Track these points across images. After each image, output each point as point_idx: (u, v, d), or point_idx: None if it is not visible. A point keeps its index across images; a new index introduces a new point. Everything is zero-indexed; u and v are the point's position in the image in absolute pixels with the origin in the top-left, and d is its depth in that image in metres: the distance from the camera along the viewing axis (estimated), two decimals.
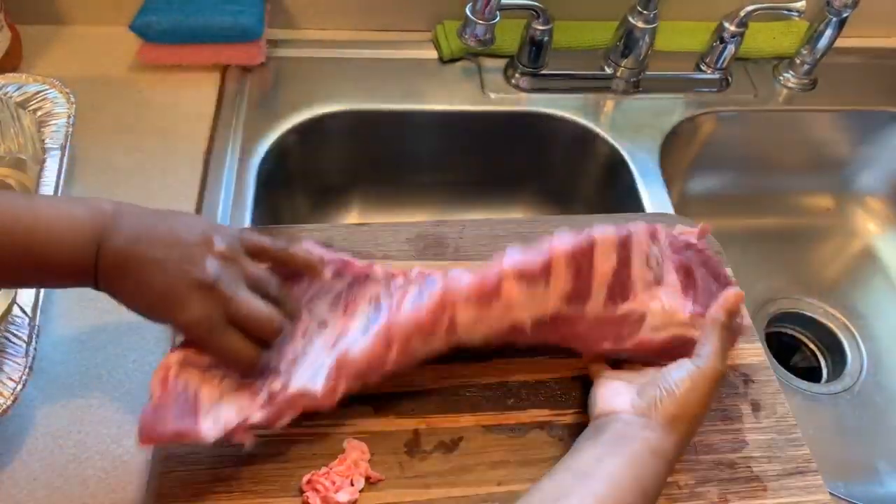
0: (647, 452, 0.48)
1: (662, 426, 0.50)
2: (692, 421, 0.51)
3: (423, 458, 0.56)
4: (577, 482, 0.47)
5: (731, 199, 1.02)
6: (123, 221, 0.49)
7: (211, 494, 0.53)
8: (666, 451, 0.49)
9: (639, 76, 0.92)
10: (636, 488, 0.46)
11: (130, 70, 0.86)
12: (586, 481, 0.46)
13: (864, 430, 0.85)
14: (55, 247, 0.47)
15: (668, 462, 0.49)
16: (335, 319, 0.59)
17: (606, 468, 0.47)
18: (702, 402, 0.51)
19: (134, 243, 0.48)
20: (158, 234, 0.49)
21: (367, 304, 0.60)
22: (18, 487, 0.54)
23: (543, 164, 0.96)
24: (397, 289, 0.60)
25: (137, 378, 0.61)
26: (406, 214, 0.98)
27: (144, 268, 0.48)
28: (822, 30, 0.91)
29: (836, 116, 0.97)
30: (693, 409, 0.51)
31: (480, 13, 0.80)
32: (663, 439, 0.49)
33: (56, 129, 0.70)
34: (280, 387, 0.52)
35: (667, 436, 0.49)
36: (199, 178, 0.77)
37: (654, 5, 0.84)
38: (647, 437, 0.49)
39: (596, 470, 0.47)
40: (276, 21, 0.93)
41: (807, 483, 0.57)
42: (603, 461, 0.48)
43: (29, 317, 0.57)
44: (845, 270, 1.01)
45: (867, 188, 1.05)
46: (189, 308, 0.48)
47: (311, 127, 0.86)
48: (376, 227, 0.71)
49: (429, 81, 0.91)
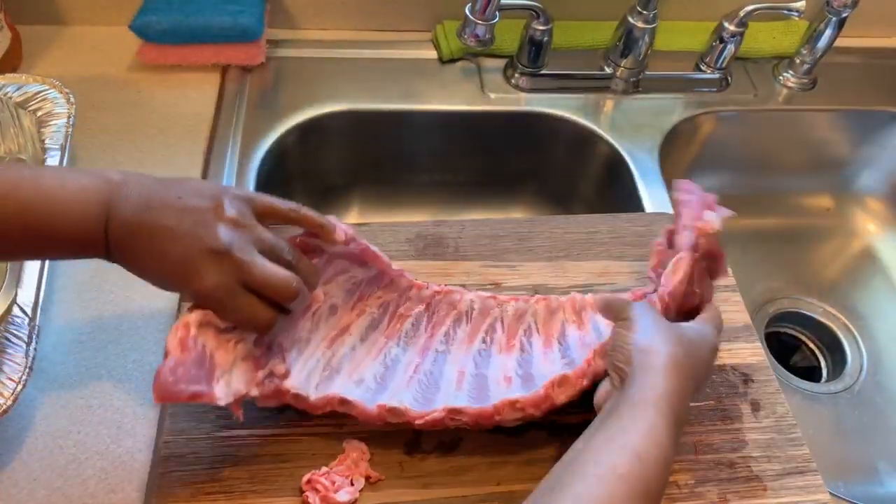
0: (628, 411, 0.46)
1: (638, 379, 0.48)
2: (665, 363, 0.48)
3: (423, 458, 0.56)
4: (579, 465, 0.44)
5: (731, 199, 1.01)
6: (131, 190, 0.48)
7: (211, 494, 0.53)
8: (649, 399, 0.46)
9: (638, 76, 0.92)
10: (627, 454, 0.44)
11: (130, 70, 0.86)
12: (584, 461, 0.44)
13: (863, 430, 0.85)
14: (60, 218, 0.46)
15: (659, 410, 0.46)
16: (344, 310, 0.60)
17: (596, 443, 0.45)
18: (666, 337, 0.50)
19: (143, 211, 0.47)
20: (168, 201, 0.48)
21: (376, 307, 0.61)
22: (18, 487, 0.54)
23: (543, 164, 0.96)
24: (405, 302, 0.61)
25: (137, 378, 0.60)
26: (406, 214, 0.98)
27: (156, 236, 0.47)
28: (822, 30, 0.91)
29: (836, 116, 0.97)
30: (659, 347, 0.49)
31: (480, 13, 0.80)
32: (644, 391, 0.47)
33: (56, 130, 0.70)
34: (284, 372, 0.53)
35: (648, 387, 0.47)
36: (199, 178, 0.77)
37: (653, 5, 0.84)
38: (627, 396, 0.47)
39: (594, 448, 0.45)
40: (276, 21, 0.93)
41: (806, 482, 0.57)
42: (594, 438, 0.46)
43: (29, 317, 0.57)
44: (845, 270, 1.01)
45: (867, 188, 1.05)
46: (204, 276, 0.47)
47: (311, 127, 0.86)
48: (376, 227, 0.71)
49: (428, 81, 0.91)
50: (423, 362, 0.59)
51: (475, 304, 0.62)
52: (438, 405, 0.54)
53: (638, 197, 0.82)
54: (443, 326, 0.61)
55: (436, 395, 0.56)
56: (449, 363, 0.59)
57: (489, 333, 0.61)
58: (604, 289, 0.67)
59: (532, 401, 0.53)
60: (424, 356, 0.59)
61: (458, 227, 0.71)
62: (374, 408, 0.53)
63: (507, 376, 0.58)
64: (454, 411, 0.53)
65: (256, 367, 0.52)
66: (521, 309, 0.62)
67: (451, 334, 0.61)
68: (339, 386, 0.55)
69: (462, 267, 0.68)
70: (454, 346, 0.60)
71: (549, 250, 0.70)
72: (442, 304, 0.62)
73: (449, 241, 0.70)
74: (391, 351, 0.59)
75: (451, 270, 0.68)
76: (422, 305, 0.62)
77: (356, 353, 0.58)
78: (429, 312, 0.62)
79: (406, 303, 0.62)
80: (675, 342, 0.50)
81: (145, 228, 0.47)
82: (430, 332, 0.61)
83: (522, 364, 0.59)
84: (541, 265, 0.69)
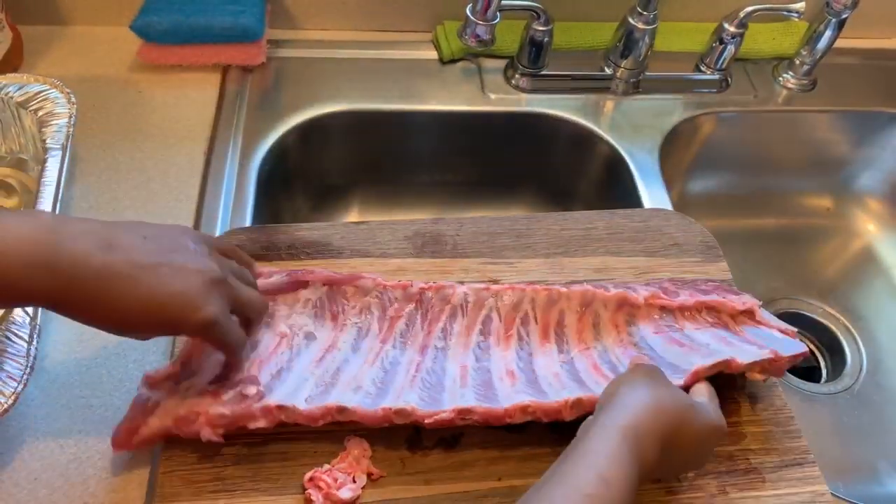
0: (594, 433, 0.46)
1: (616, 407, 0.48)
2: (646, 401, 0.48)
3: (425, 455, 0.56)
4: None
5: (731, 199, 1.02)
6: (74, 230, 0.45)
7: (212, 493, 0.53)
8: (618, 426, 0.46)
9: (638, 77, 0.92)
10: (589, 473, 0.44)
11: (131, 70, 0.86)
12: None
13: (863, 430, 0.85)
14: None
15: (626, 438, 0.45)
16: (322, 332, 0.60)
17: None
18: (658, 384, 0.50)
19: (106, 252, 0.45)
20: (135, 242, 0.47)
21: (357, 315, 0.61)
22: (19, 487, 0.54)
23: (543, 165, 0.96)
24: (393, 303, 0.62)
25: (137, 377, 0.60)
26: (406, 214, 0.98)
27: (136, 277, 0.46)
28: (822, 30, 0.91)
29: (836, 117, 0.97)
30: (645, 387, 0.49)
31: (481, 14, 0.80)
32: (616, 418, 0.47)
33: (57, 130, 0.70)
34: (255, 392, 0.54)
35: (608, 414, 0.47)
36: (199, 178, 0.77)
37: (653, 6, 0.84)
38: (599, 421, 0.47)
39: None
40: (276, 21, 0.93)
41: (805, 474, 0.58)
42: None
43: (30, 316, 0.57)
44: (845, 271, 1.01)
45: (866, 189, 1.05)
46: (208, 304, 0.49)
47: (312, 127, 0.86)
48: (374, 225, 0.71)
49: (429, 82, 0.91)
50: (424, 360, 0.59)
51: (469, 296, 0.62)
52: (445, 403, 0.54)
53: (638, 197, 0.82)
54: (438, 322, 0.61)
55: (441, 393, 0.56)
56: (450, 359, 0.59)
57: (486, 324, 0.61)
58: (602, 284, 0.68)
59: (544, 410, 0.54)
60: (424, 354, 0.59)
61: (456, 224, 0.71)
62: (379, 410, 0.53)
63: (510, 370, 0.58)
64: (464, 411, 0.54)
65: (217, 395, 0.54)
66: (518, 297, 0.62)
67: (448, 329, 0.61)
68: (335, 396, 0.55)
69: (460, 264, 0.68)
70: (452, 340, 0.60)
71: (547, 247, 0.70)
72: (435, 299, 0.62)
73: (447, 238, 0.70)
74: (388, 354, 0.60)
75: (449, 268, 0.68)
76: (412, 304, 0.62)
77: (350, 365, 0.58)
78: (422, 310, 0.62)
79: (395, 304, 0.62)
80: (665, 390, 0.49)
81: (115, 269, 0.45)
82: (427, 330, 0.61)
83: (522, 357, 0.60)
84: (539, 262, 0.69)
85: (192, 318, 0.48)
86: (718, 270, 0.70)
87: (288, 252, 0.67)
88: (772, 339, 0.60)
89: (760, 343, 0.60)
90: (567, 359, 0.60)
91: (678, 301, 0.63)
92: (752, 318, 0.63)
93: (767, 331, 0.62)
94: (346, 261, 0.67)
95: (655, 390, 0.49)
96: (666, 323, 0.62)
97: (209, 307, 0.48)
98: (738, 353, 0.58)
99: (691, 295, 0.63)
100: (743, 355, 0.57)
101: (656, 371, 0.52)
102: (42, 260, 0.43)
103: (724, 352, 0.58)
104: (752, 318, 0.63)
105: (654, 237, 0.72)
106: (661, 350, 0.60)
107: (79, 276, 0.44)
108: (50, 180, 0.66)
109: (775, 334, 0.61)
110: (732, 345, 0.60)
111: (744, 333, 0.62)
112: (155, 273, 0.47)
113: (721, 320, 0.63)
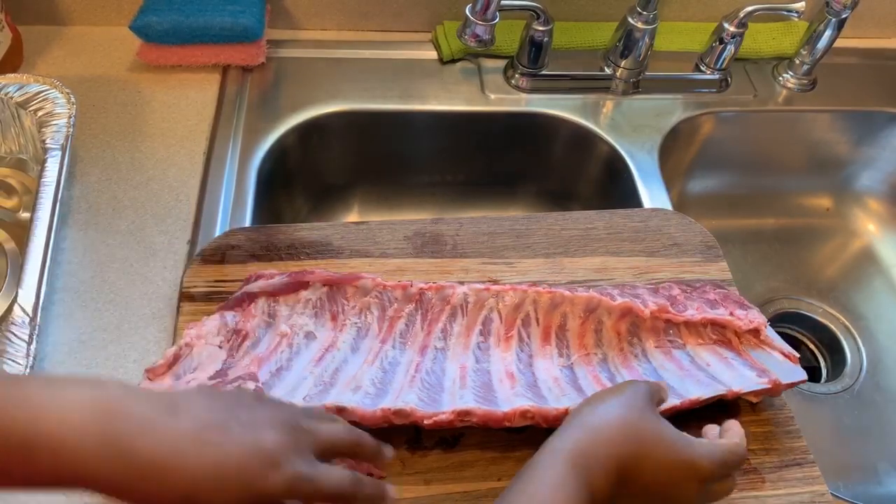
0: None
1: (569, 430, 0.47)
2: (604, 424, 0.46)
3: (424, 455, 0.56)
4: None
5: (731, 199, 1.02)
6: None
7: None
8: (566, 450, 0.45)
9: (638, 76, 0.92)
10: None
11: (130, 70, 0.86)
12: None
13: (863, 430, 0.85)
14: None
15: (574, 465, 0.44)
16: (322, 331, 0.60)
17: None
18: (630, 406, 0.48)
19: (173, 415, 0.40)
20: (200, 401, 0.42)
21: (356, 315, 0.61)
22: None
23: (543, 165, 0.96)
24: (392, 303, 0.62)
25: (138, 378, 0.60)
26: (406, 214, 0.98)
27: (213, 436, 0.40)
28: (822, 30, 0.91)
29: (836, 117, 0.97)
30: (610, 407, 0.47)
31: (480, 14, 0.80)
32: (565, 442, 0.46)
33: (57, 130, 0.70)
34: (254, 388, 0.54)
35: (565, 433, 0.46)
36: (199, 177, 0.77)
37: (653, 6, 0.84)
38: (549, 444, 0.46)
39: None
40: (276, 21, 0.93)
41: (805, 474, 0.58)
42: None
43: (30, 317, 0.57)
44: (845, 271, 1.01)
45: (866, 189, 1.05)
46: (287, 462, 0.41)
47: (312, 127, 0.86)
48: (374, 224, 0.71)
49: (429, 82, 0.91)
50: (424, 361, 0.59)
51: (469, 297, 0.62)
52: (444, 404, 0.54)
53: (638, 197, 0.82)
54: (438, 323, 0.61)
55: (440, 394, 0.56)
56: (450, 360, 0.59)
57: (486, 325, 0.61)
58: (602, 284, 0.68)
59: (543, 415, 0.54)
60: (424, 354, 0.59)
61: (456, 224, 0.72)
62: (378, 411, 0.53)
63: (509, 372, 0.58)
64: (463, 413, 0.54)
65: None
66: (520, 298, 0.62)
67: (447, 330, 0.61)
68: (334, 396, 0.55)
69: (460, 264, 0.68)
70: (452, 341, 0.60)
71: (547, 247, 0.71)
72: (435, 300, 0.62)
73: (447, 238, 0.70)
74: (387, 354, 0.60)
75: (449, 268, 0.68)
76: (411, 304, 0.62)
77: (349, 365, 0.58)
78: (422, 310, 0.62)
79: (394, 304, 0.62)
80: (637, 414, 0.46)
81: (181, 431, 0.39)
82: (426, 330, 0.61)
83: (522, 359, 0.60)
84: (539, 262, 0.69)
85: (271, 478, 0.40)
86: (718, 270, 0.70)
87: (288, 252, 0.68)
88: (773, 362, 0.61)
89: (761, 368, 0.60)
90: (567, 363, 0.60)
91: (684, 317, 0.62)
92: (757, 337, 0.62)
93: (770, 353, 0.62)
94: (345, 261, 0.67)
95: (623, 412, 0.46)
96: (669, 337, 0.62)
97: (287, 465, 0.41)
98: (736, 381, 0.58)
99: (699, 309, 0.63)
100: (741, 382, 0.58)
101: (640, 392, 0.49)
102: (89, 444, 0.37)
103: (723, 377, 0.59)
104: (757, 336, 0.62)
105: (653, 237, 0.72)
106: (658, 364, 0.61)
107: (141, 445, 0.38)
108: (50, 180, 0.66)
109: (776, 356, 0.61)
110: (732, 367, 0.60)
111: (747, 355, 0.62)
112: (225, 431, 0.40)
113: (725, 336, 0.63)
